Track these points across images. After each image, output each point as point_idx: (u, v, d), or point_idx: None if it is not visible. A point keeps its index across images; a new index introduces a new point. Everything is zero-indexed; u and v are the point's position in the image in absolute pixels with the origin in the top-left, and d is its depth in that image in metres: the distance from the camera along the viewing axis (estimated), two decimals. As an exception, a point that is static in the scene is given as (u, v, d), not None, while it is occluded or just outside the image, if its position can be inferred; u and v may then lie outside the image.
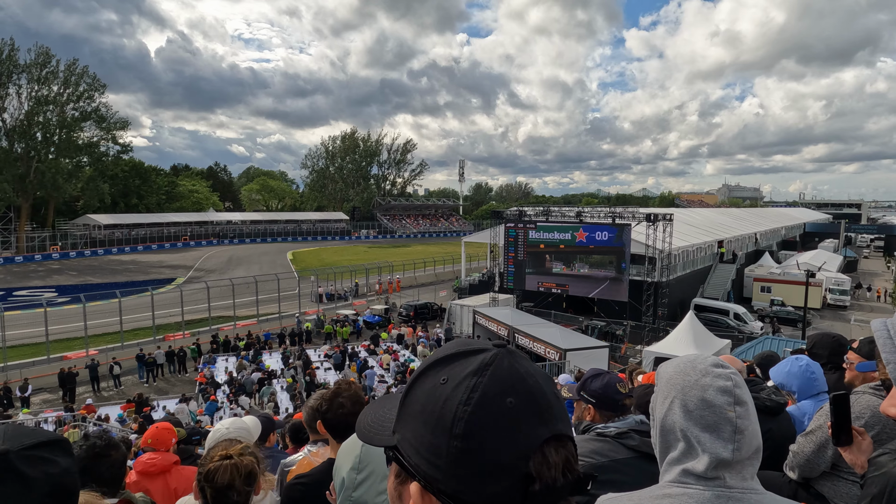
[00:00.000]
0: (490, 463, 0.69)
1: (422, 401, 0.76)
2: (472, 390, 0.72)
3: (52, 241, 65.22)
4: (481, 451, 0.69)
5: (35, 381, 22.54)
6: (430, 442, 0.72)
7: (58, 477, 1.06)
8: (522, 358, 0.79)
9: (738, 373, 1.14)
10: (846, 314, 37.06)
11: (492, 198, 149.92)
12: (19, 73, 62.51)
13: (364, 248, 77.12)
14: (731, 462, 1.04)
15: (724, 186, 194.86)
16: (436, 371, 0.78)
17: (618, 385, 2.28)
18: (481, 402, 0.71)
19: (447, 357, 0.79)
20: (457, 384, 0.73)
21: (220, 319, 32.62)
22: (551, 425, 0.73)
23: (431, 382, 0.77)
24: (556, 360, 21.62)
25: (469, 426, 0.70)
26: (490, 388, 0.72)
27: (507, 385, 0.73)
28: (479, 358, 0.76)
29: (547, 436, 0.71)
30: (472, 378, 0.73)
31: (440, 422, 0.72)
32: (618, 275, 31.03)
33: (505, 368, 0.75)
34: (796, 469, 2.39)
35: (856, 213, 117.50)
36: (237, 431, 3.07)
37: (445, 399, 0.73)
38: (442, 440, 0.71)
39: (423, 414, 0.75)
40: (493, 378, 0.73)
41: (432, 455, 0.72)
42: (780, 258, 50.63)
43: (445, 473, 0.70)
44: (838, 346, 3.37)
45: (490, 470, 0.69)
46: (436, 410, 0.73)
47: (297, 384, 22.03)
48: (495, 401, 0.71)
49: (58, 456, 1.09)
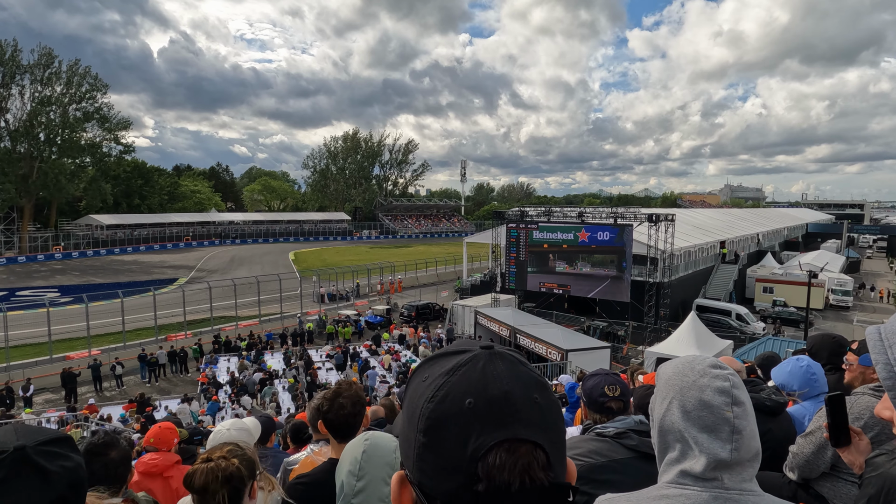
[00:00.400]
0: (444, 459, 0.72)
1: (409, 396, 0.82)
2: (438, 389, 0.75)
3: (55, 241, 65.33)
4: (437, 448, 0.72)
5: (37, 381, 22.59)
6: (406, 435, 0.79)
7: (73, 471, 1.10)
8: (505, 360, 0.78)
9: (737, 373, 1.14)
10: (849, 315, 36.94)
11: (493, 198, 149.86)
12: (22, 74, 62.74)
13: (366, 249, 77.14)
14: (728, 462, 1.04)
15: (727, 187, 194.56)
16: (424, 369, 0.83)
17: (607, 387, 2.27)
18: (442, 400, 0.74)
19: (435, 357, 0.84)
20: (430, 382, 0.77)
21: (222, 320, 32.66)
22: (511, 429, 0.71)
23: (418, 380, 0.81)
24: (557, 361, 21.60)
25: (429, 422, 0.73)
26: (454, 388, 0.74)
27: (472, 386, 0.74)
28: (457, 359, 0.79)
29: (500, 439, 0.70)
30: (443, 377, 0.76)
31: (412, 417, 0.77)
32: (619, 273, 31.01)
33: (477, 370, 0.76)
34: (796, 470, 2.39)
35: (858, 214, 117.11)
36: (238, 433, 3.08)
37: (419, 396, 0.77)
38: (412, 434, 0.76)
39: (406, 409, 0.81)
40: (462, 378, 0.75)
41: (406, 447, 0.78)
42: (783, 259, 50.52)
43: (413, 465, 0.75)
44: (838, 346, 3.37)
45: (444, 466, 0.72)
46: (412, 405, 0.78)
47: (299, 384, 22.06)
48: (455, 400, 0.73)
49: (69, 451, 1.13)
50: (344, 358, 25.49)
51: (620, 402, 2.26)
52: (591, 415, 2.29)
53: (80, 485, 1.11)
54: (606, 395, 2.25)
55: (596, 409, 2.26)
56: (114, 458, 2.57)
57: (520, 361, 0.80)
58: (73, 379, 22.13)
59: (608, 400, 2.24)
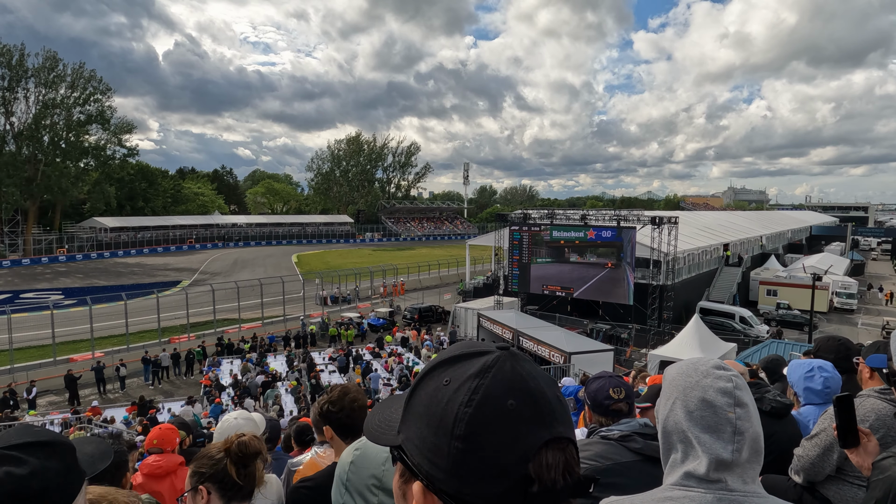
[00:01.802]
0: (490, 464, 0.70)
1: (425, 402, 0.77)
2: (473, 392, 0.73)
3: (59, 243, 65.58)
4: (481, 452, 0.70)
5: (41, 382, 22.67)
6: (432, 442, 0.74)
7: (19, 480, 0.97)
8: (525, 360, 0.79)
9: (740, 375, 1.15)
10: (853, 318, 36.79)
11: (496, 200, 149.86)
12: (27, 78, 63.11)
13: (369, 251, 77.21)
14: (730, 463, 1.04)
15: (730, 189, 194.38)
16: (439, 372, 0.79)
17: (612, 390, 2.27)
18: (482, 403, 0.72)
19: (451, 359, 0.81)
20: (459, 385, 0.74)
21: (225, 322, 32.72)
22: (552, 428, 0.73)
23: (435, 384, 0.78)
24: (560, 364, 21.56)
25: (470, 427, 0.71)
26: (491, 390, 0.73)
27: (509, 387, 0.73)
28: (481, 360, 0.77)
29: (547, 438, 0.72)
30: (474, 380, 0.74)
31: (442, 423, 0.73)
32: (620, 263, 31.06)
33: (507, 371, 0.75)
34: (801, 473, 2.38)
35: (863, 217, 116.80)
36: (245, 422, 3.13)
37: (448, 400, 0.74)
38: (443, 441, 0.72)
39: (426, 415, 0.76)
40: (495, 380, 0.74)
41: (434, 455, 0.73)
42: (787, 261, 50.35)
43: (447, 473, 0.72)
44: (844, 349, 3.36)
45: (490, 471, 0.70)
46: (438, 411, 0.74)
47: (302, 387, 22.06)
48: (496, 403, 0.72)
49: (39, 458, 1.01)
50: (346, 360, 25.48)
51: (625, 404, 2.26)
52: (595, 418, 2.29)
53: (25, 496, 0.97)
54: (611, 398, 2.25)
55: (601, 411, 2.26)
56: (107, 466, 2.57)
57: (533, 361, 0.81)
58: (72, 383, 22.20)
59: (613, 402, 2.24)
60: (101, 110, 69.07)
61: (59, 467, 1.04)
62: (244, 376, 23.08)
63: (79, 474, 1.09)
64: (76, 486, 1.07)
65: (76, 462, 1.09)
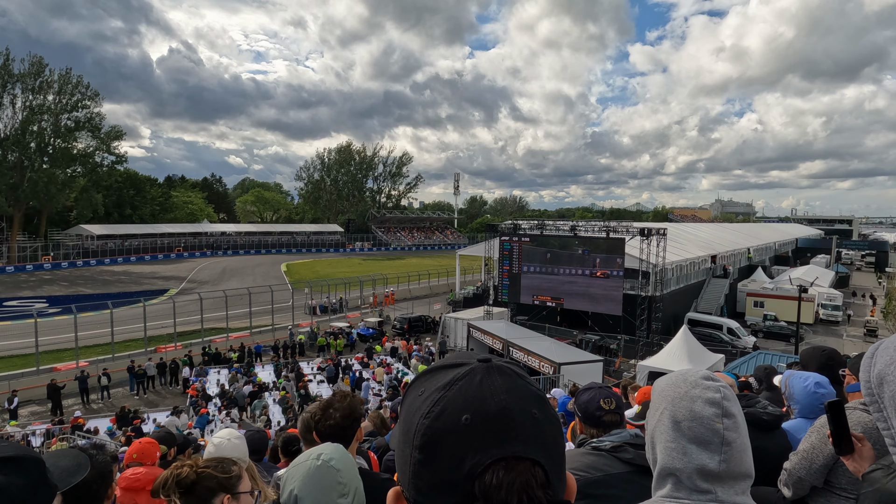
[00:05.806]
0: (440, 477, 0.70)
1: (404, 411, 0.79)
2: (434, 404, 0.72)
3: (45, 251, 64.75)
4: (433, 465, 0.70)
5: (24, 392, 22.22)
6: (401, 450, 0.76)
7: None
8: (504, 374, 0.76)
9: (729, 386, 1.14)
10: (838, 329, 37.20)
11: (486, 211, 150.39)
12: (14, 83, 62.50)
13: (359, 261, 76.95)
14: (717, 474, 1.04)
15: (717, 202, 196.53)
16: (421, 383, 0.80)
17: (602, 401, 2.25)
18: (438, 416, 0.71)
19: (432, 369, 0.81)
20: (427, 397, 0.75)
21: (213, 331, 32.38)
22: (508, 446, 0.69)
23: (414, 394, 0.79)
24: (550, 374, 21.54)
25: (424, 439, 0.71)
26: (451, 404, 0.72)
27: (468, 402, 0.72)
28: (453, 372, 0.76)
29: (497, 456, 0.68)
30: (439, 392, 0.74)
31: (408, 432, 0.74)
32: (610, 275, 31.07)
33: (473, 385, 0.73)
34: (790, 486, 2.38)
35: (847, 229, 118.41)
36: (239, 441, 3.03)
37: (415, 410, 0.75)
38: (407, 450, 0.73)
39: (402, 424, 0.78)
40: (458, 393, 0.73)
41: (402, 463, 0.75)
42: (773, 273, 50.88)
43: (407, 482, 0.73)
44: (827, 359, 3.38)
45: (440, 484, 0.70)
46: (408, 421, 0.75)
47: (289, 395, 21.85)
48: (451, 417, 0.71)
49: (4, 473, 0.99)
50: (335, 370, 25.28)
51: (616, 415, 2.25)
52: (586, 429, 2.27)
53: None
54: (602, 409, 2.23)
55: (592, 423, 2.24)
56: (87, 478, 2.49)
57: (518, 375, 0.78)
58: (56, 393, 21.80)
59: (604, 414, 2.23)
60: (90, 117, 68.46)
61: (24, 483, 1.01)
62: (231, 386, 22.82)
63: (48, 489, 1.06)
64: (45, 502, 1.05)
65: (45, 476, 1.06)
